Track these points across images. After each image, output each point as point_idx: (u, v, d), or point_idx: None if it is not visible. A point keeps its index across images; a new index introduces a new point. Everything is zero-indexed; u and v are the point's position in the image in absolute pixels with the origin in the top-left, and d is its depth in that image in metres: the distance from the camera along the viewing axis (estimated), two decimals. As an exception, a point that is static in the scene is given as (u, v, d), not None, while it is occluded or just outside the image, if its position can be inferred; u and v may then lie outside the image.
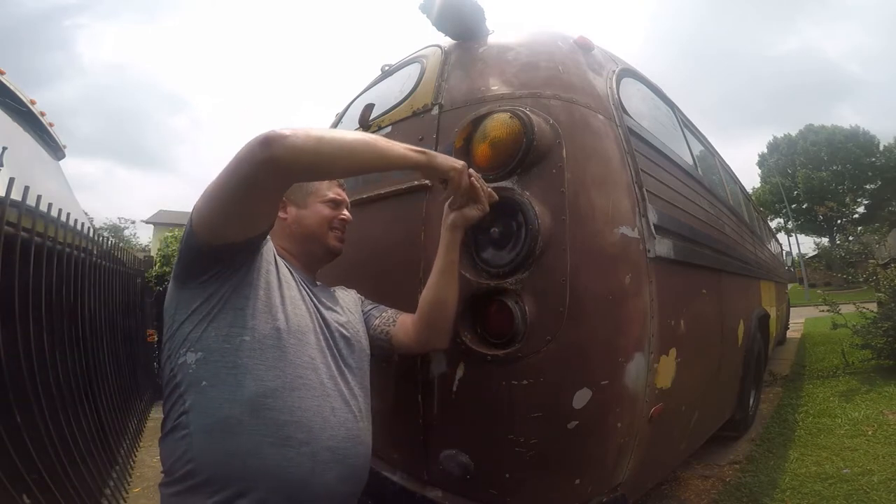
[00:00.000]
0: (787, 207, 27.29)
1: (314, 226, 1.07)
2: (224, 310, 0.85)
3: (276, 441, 0.80)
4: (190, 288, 0.86)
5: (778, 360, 4.80)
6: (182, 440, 0.80)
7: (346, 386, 0.94)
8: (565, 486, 1.12)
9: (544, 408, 1.07)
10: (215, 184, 0.77)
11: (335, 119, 2.05)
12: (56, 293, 1.95)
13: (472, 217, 1.04)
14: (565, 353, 1.06)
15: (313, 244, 1.08)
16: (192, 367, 0.83)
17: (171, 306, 0.88)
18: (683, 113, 2.15)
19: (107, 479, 2.18)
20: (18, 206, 1.66)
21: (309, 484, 0.81)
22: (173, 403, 0.84)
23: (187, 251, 0.85)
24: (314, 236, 1.08)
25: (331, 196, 1.10)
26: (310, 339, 0.92)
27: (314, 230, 1.07)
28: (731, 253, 2.13)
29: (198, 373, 0.82)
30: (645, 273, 1.15)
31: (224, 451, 0.78)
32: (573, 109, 1.20)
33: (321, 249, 1.09)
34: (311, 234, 1.07)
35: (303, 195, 1.08)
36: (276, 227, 1.06)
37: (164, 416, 0.85)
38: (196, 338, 0.84)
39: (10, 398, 1.50)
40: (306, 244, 1.08)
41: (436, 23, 1.32)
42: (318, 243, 1.09)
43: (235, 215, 0.80)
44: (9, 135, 2.59)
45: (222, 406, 0.80)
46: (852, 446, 2.36)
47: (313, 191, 1.08)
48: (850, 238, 24.59)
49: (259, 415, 0.80)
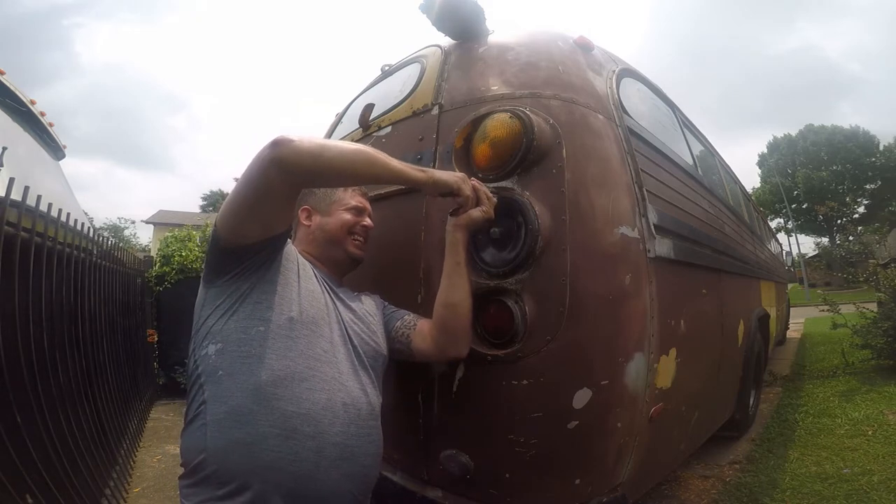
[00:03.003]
0: (787, 207, 27.30)
1: (335, 231, 1.12)
2: (245, 304, 0.90)
3: (282, 433, 0.80)
4: (216, 286, 0.92)
5: (778, 360, 4.80)
6: (199, 430, 0.83)
7: (359, 382, 0.94)
8: (565, 486, 1.12)
9: (544, 408, 1.07)
10: (234, 189, 0.86)
11: (335, 119, 2.05)
12: (56, 293, 1.95)
13: (477, 220, 1.05)
14: (565, 353, 1.06)
15: (335, 249, 1.13)
16: (212, 357, 0.87)
17: (199, 305, 0.95)
18: (683, 113, 2.15)
19: (107, 479, 2.18)
20: (18, 206, 1.66)
21: (313, 480, 0.81)
22: (195, 394, 0.87)
23: (212, 253, 0.92)
24: (335, 241, 1.12)
25: (353, 204, 1.15)
26: (324, 331, 0.94)
27: (335, 235, 1.12)
28: (731, 253, 2.13)
29: (216, 362, 0.86)
30: (645, 273, 1.15)
31: (232, 440, 0.80)
32: (573, 109, 1.20)
33: (342, 254, 1.13)
34: (332, 239, 1.12)
35: (326, 204, 1.14)
36: (302, 235, 1.15)
37: (187, 408, 0.89)
38: (218, 330, 0.89)
39: (11, 398, 1.50)
40: (328, 249, 1.13)
41: (436, 23, 1.32)
42: (339, 248, 1.13)
43: (251, 217, 0.86)
44: (9, 135, 2.59)
45: (235, 395, 0.82)
46: (852, 446, 2.36)
47: (336, 199, 1.14)
48: (850, 238, 24.61)
49: (267, 404, 0.82)
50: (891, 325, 3.82)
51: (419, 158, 1.33)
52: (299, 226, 1.16)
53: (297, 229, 1.16)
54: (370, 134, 1.56)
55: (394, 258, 1.35)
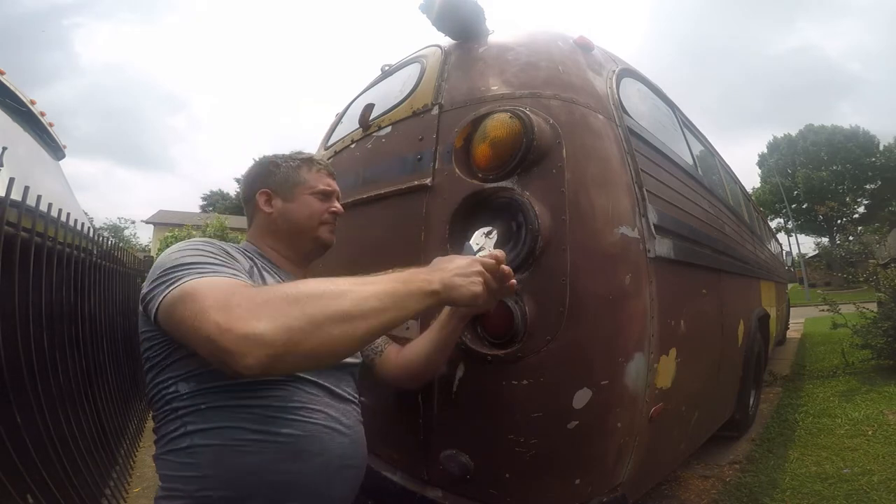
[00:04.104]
0: (787, 207, 27.30)
1: (303, 220, 0.98)
2: None
3: (290, 457, 0.77)
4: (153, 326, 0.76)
5: (778, 360, 4.79)
6: (188, 458, 0.74)
7: (344, 391, 0.93)
8: (565, 486, 1.11)
9: (544, 408, 1.07)
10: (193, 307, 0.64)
11: (335, 119, 2.05)
12: (56, 293, 1.95)
13: (492, 305, 1.02)
14: (565, 353, 1.06)
15: (302, 240, 1.00)
16: (186, 395, 0.76)
17: (142, 327, 0.80)
18: (683, 113, 2.15)
19: (107, 479, 2.18)
20: (18, 206, 1.65)
21: (328, 491, 0.81)
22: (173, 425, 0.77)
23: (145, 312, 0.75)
24: (303, 232, 0.99)
25: (321, 187, 1.00)
26: None
27: (303, 225, 0.99)
28: (731, 253, 2.13)
29: (195, 400, 0.76)
30: (645, 273, 1.15)
31: (239, 468, 0.74)
32: (573, 109, 1.20)
33: (311, 244, 1.01)
34: (299, 229, 0.99)
35: (289, 186, 0.98)
36: (261, 223, 0.99)
37: (160, 435, 0.79)
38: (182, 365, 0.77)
39: (11, 398, 1.50)
40: (294, 240, 1.00)
41: (436, 23, 1.32)
42: (307, 238, 1.00)
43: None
44: (9, 135, 2.59)
45: (228, 428, 0.75)
46: (852, 446, 2.35)
47: (301, 182, 0.99)
48: (850, 238, 24.61)
49: (268, 433, 0.76)
50: (891, 325, 3.82)
51: (419, 158, 1.33)
52: (257, 211, 0.99)
53: (255, 215, 1.00)
54: (370, 134, 1.56)
55: (394, 258, 1.35)
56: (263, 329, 0.59)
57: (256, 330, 0.58)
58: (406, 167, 1.37)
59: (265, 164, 1.02)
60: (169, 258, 0.75)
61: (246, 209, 1.05)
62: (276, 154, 1.05)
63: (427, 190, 1.28)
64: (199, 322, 0.61)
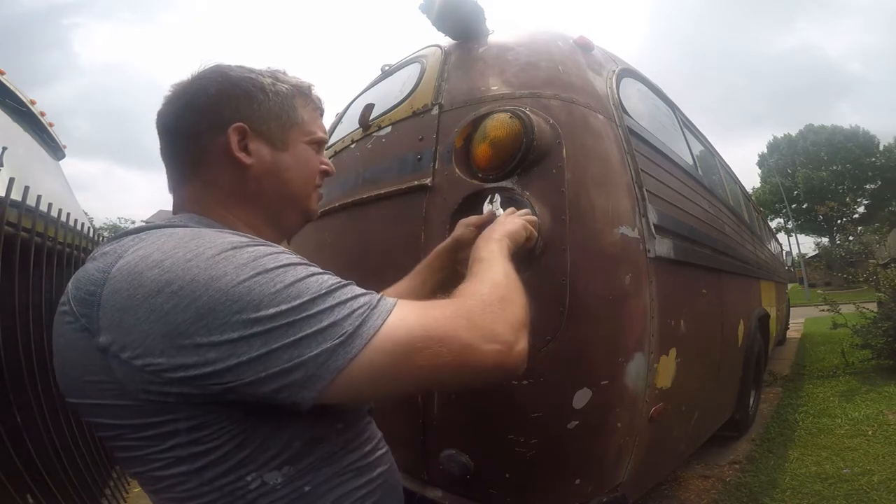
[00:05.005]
0: (787, 207, 27.32)
1: (299, 181, 0.66)
2: None
3: (389, 491, 0.70)
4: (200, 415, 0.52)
5: (778, 360, 4.80)
6: None
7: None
8: (565, 486, 1.12)
9: (544, 408, 1.07)
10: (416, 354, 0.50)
11: (335, 119, 2.05)
12: (56, 293, 1.95)
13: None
14: (565, 352, 1.06)
15: (288, 212, 0.67)
16: (280, 485, 0.53)
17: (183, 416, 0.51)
18: (683, 113, 2.15)
19: (107, 479, 2.18)
20: (18, 206, 1.66)
21: None
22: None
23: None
24: (295, 199, 0.67)
25: (319, 135, 0.69)
26: None
27: (297, 190, 0.66)
28: (731, 253, 2.13)
29: (293, 485, 0.54)
30: (645, 273, 1.15)
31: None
32: (573, 109, 1.20)
33: (298, 219, 0.69)
34: (290, 195, 0.66)
35: (281, 125, 0.63)
36: (227, 179, 0.61)
37: None
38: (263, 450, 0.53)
39: (11, 398, 1.50)
40: (280, 211, 0.66)
41: (436, 23, 1.32)
42: (297, 210, 0.68)
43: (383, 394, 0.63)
44: (9, 135, 2.59)
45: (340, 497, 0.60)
46: (852, 446, 2.36)
47: (298, 121, 0.65)
48: (850, 238, 24.62)
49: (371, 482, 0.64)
50: (891, 325, 3.82)
51: (419, 158, 1.33)
52: (220, 160, 0.60)
53: (212, 165, 0.60)
54: (370, 134, 1.56)
55: (394, 258, 1.35)
56: (509, 336, 0.59)
57: (509, 338, 0.58)
58: (406, 167, 1.37)
59: (242, 82, 0.62)
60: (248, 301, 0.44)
61: (185, 152, 0.61)
62: (249, 67, 0.65)
63: (427, 190, 1.28)
64: (468, 357, 0.53)
